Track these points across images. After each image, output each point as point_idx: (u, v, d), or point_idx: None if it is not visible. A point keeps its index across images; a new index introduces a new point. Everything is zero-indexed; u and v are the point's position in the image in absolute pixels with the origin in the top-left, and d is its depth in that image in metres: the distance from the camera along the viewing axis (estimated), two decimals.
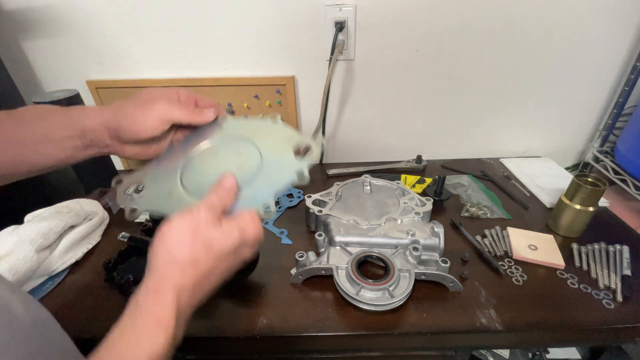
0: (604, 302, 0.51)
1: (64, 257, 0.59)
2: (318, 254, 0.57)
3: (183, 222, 0.31)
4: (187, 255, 0.30)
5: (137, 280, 0.53)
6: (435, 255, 0.54)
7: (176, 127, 0.44)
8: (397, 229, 0.58)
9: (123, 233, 0.60)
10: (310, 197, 0.67)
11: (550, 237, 0.63)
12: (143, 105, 0.39)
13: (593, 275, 0.55)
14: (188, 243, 0.30)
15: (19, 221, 0.60)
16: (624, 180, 0.79)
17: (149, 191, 0.41)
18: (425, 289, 0.53)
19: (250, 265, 0.54)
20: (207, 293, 0.32)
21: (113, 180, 0.42)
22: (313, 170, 0.80)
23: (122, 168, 0.96)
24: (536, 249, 0.60)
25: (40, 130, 0.37)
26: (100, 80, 0.83)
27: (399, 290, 0.50)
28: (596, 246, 0.60)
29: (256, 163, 0.39)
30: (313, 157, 0.39)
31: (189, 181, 0.40)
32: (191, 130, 0.45)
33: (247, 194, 0.37)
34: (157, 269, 0.30)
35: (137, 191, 0.42)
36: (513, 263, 0.58)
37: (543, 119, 0.90)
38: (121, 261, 0.56)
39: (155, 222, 0.53)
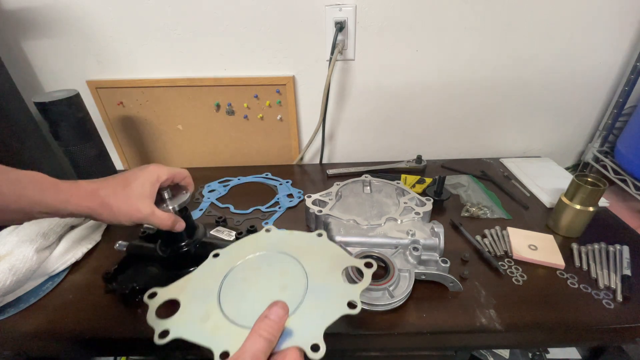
0: (604, 302, 0.51)
1: (63, 257, 0.59)
2: None
3: None
4: None
5: (142, 288, 0.52)
6: (435, 255, 0.54)
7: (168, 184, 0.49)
8: (397, 229, 0.58)
9: (120, 242, 0.59)
10: (310, 197, 0.67)
11: (550, 237, 0.63)
12: (126, 210, 0.42)
13: (593, 275, 0.55)
14: None
15: None
16: (624, 180, 0.79)
17: (184, 312, 0.35)
18: (425, 289, 0.53)
19: None
20: None
21: (145, 295, 0.38)
22: (313, 169, 0.80)
23: (122, 168, 0.96)
24: (536, 249, 0.60)
25: (31, 206, 0.39)
26: (100, 80, 0.83)
27: (399, 290, 0.50)
28: (596, 246, 0.60)
29: (302, 286, 0.35)
30: (364, 283, 0.35)
31: (228, 303, 0.35)
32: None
33: (292, 325, 0.32)
34: None
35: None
36: (513, 263, 0.58)
37: (543, 119, 0.90)
38: (121, 271, 0.56)
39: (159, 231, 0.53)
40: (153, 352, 0.58)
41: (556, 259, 0.58)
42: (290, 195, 0.79)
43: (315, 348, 0.30)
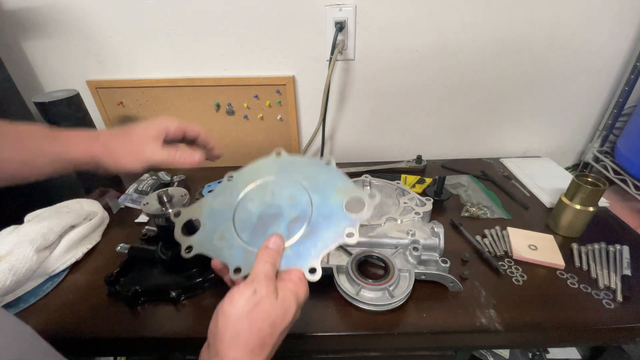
0: (604, 302, 0.51)
1: (63, 257, 0.59)
2: None
3: (246, 302, 0.30)
4: (255, 338, 0.29)
5: (145, 291, 0.52)
6: (435, 255, 0.54)
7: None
8: (397, 229, 0.58)
9: (122, 245, 0.59)
10: None
11: (550, 237, 0.63)
12: (131, 150, 0.41)
13: (593, 275, 0.55)
14: (256, 326, 0.29)
15: (19, 221, 0.60)
16: (624, 180, 0.79)
17: (203, 232, 0.40)
18: (425, 289, 0.53)
19: None
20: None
21: (171, 212, 0.42)
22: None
23: None
24: (536, 249, 0.60)
25: (30, 155, 0.39)
26: (100, 80, 0.83)
27: (399, 290, 0.50)
28: (596, 246, 0.60)
29: (307, 214, 0.38)
30: (364, 215, 0.36)
31: (241, 223, 0.39)
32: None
33: (294, 250, 0.36)
34: (226, 354, 0.29)
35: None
36: (513, 263, 0.58)
37: (543, 119, 0.90)
38: (123, 273, 0.56)
39: (158, 225, 0.53)
40: (153, 352, 0.58)
41: (556, 259, 0.58)
42: None
43: (312, 271, 0.34)
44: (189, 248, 0.38)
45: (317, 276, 0.34)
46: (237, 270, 0.35)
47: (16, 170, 0.39)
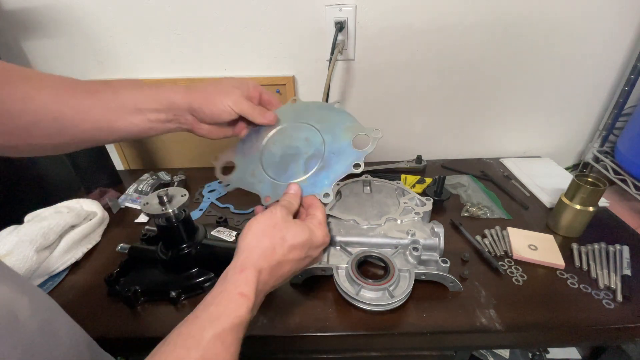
0: (604, 302, 0.51)
1: (64, 257, 0.59)
2: None
3: (265, 219, 0.38)
4: (267, 244, 0.36)
5: (145, 291, 0.52)
6: (435, 255, 0.54)
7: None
8: (397, 229, 0.58)
9: (122, 245, 0.59)
10: None
11: (550, 237, 0.63)
12: (221, 94, 0.45)
13: (593, 275, 0.55)
14: (269, 234, 0.37)
15: (19, 221, 0.60)
16: (624, 180, 0.79)
17: (238, 171, 0.49)
18: (425, 289, 0.53)
19: None
20: (279, 280, 0.37)
21: (212, 158, 0.51)
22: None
23: (122, 168, 0.96)
24: (536, 249, 0.60)
25: (132, 100, 0.42)
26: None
27: (399, 290, 0.50)
28: (596, 246, 0.60)
29: (320, 152, 0.45)
30: (369, 149, 0.44)
31: (267, 162, 0.47)
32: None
33: (310, 181, 0.44)
34: (243, 252, 0.36)
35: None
36: (513, 263, 0.58)
37: (543, 119, 0.90)
38: (123, 273, 0.56)
39: (158, 225, 0.53)
40: None
41: (556, 259, 0.58)
42: None
43: (326, 196, 0.42)
44: (228, 184, 0.48)
45: (329, 199, 0.42)
46: (267, 197, 0.45)
47: (125, 114, 0.42)
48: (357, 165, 0.43)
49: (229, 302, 0.32)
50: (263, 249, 0.36)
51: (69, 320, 0.34)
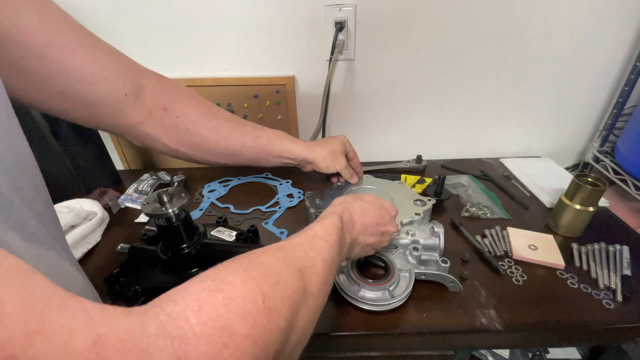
0: (604, 302, 0.51)
1: None
2: None
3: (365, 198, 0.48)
4: (346, 197, 0.46)
5: (145, 291, 0.52)
6: (435, 255, 0.54)
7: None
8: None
9: (122, 245, 0.59)
10: (310, 196, 0.67)
11: (550, 237, 0.63)
12: (332, 157, 0.67)
13: (593, 275, 0.55)
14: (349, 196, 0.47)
15: None
16: (624, 180, 0.79)
17: (324, 203, 0.65)
18: (425, 289, 0.53)
19: None
20: (357, 238, 0.42)
21: (305, 196, 0.69)
22: (313, 170, 0.80)
23: (122, 168, 0.96)
24: (536, 249, 0.60)
25: (277, 150, 0.63)
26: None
27: (399, 290, 0.50)
28: (596, 246, 0.60)
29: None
30: (426, 208, 0.62)
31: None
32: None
33: None
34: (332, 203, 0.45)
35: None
36: (513, 263, 0.58)
37: (543, 119, 0.90)
38: (123, 273, 0.56)
39: (158, 225, 0.53)
40: None
41: (556, 259, 0.58)
42: (290, 195, 0.79)
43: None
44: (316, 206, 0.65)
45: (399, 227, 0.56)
46: None
47: (260, 158, 0.63)
48: (417, 214, 0.60)
49: (315, 238, 0.35)
50: (343, 198, 0.46)
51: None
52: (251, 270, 0.25)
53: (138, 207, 0.76)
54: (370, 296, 0.49)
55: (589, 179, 0.61)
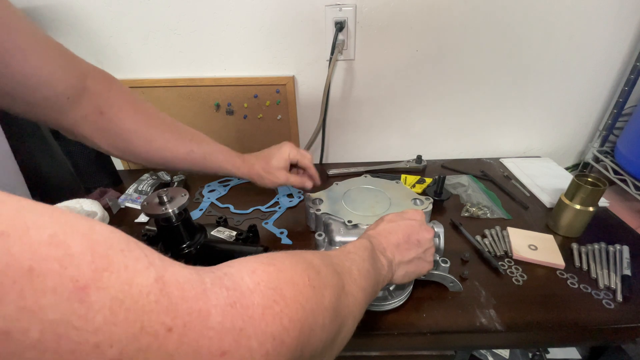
0: (604, 302, 0.51)
1: None
2: None
3: (393, 216, 0.47)
4: (395, 237, 0.44)
5: None
6: (435, 255, 0.54)
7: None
8: None
9: None
10: (310, 196, 0.67)
11: (550, 237, 0.63)
12: (273, 173, 0.62)
13: (593, 275, 0.55)
14: (396, 228, 0.45)
15: None
16: (624, 180, 0.79)
17: (325, 204, 0.64)
18: (425, 289, 0.53)
19: None
20: (394, 259, 0.42)
21: (305, 196, 0.69)
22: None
23: (122, 168, 0.96)
24: (536, 249, 0.60)
25: (218, 163, 0.60)
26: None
27: (399, 290, 0.50)
28: (596, 246, 0.60)
29: (387, 206, 0.63)
30: (423, 207, 0.63)
31: (350, 205, 0.63)
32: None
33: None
34: (384, 238, 0.43)
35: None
36: (513, 263, 0.58)
37: (543, 118, 0.90)
38: None
39: (158, 225, 0.53)
40: None
41: (556, 259, 0.58)
42: (290, 195, 0.79)
43: None
44: (319, 209, 0.63)
45: None
46: (349, 221, 0.58)
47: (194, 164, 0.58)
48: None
49: (349, 253, 0.37)
50: (394, 240, 0.44)
51: None
52: (297, 258, 0.28)
53: (138, 207, 0.76)
54: None
55: (589, 179, 0.61)
